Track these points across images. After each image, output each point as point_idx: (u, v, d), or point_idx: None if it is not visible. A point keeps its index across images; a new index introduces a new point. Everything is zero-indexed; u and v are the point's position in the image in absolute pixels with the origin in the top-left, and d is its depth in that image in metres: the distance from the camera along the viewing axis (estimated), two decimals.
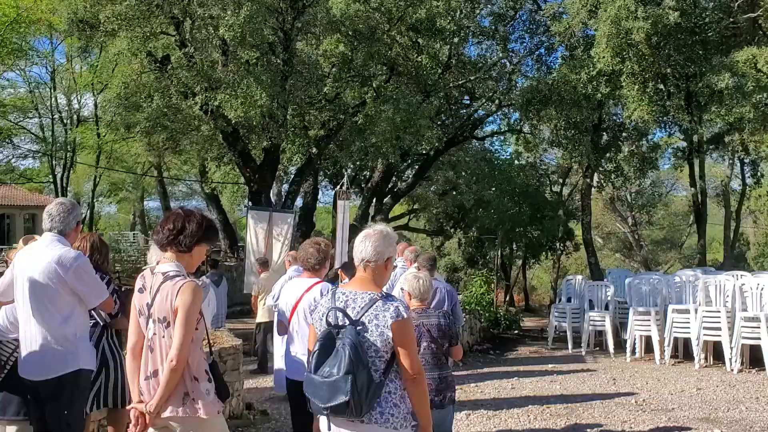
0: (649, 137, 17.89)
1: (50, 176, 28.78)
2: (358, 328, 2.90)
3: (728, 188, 26.05)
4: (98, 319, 4.45)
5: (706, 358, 10.50)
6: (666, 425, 7.04)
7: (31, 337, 3.93)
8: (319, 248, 4.58)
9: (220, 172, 20.65)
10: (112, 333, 4.60)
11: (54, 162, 27.44)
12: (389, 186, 20.00)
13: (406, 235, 32.75)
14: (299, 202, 19.12)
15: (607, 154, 17.21)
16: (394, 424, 2.92)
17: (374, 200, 19.36)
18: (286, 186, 20.34)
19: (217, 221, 23.27)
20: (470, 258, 24.44)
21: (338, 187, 10.96)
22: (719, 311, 10.08)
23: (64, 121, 27.02)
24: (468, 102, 20.30)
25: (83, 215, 30.63)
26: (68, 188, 28.84)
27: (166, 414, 3.13)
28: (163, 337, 3.14)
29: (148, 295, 3.21)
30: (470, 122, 19.70)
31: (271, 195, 17.23)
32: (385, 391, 2.93)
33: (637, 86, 13.86)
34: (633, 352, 11.25)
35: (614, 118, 17.90)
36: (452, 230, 23.35)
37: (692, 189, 17.98)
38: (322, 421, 2.97)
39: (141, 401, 3.19)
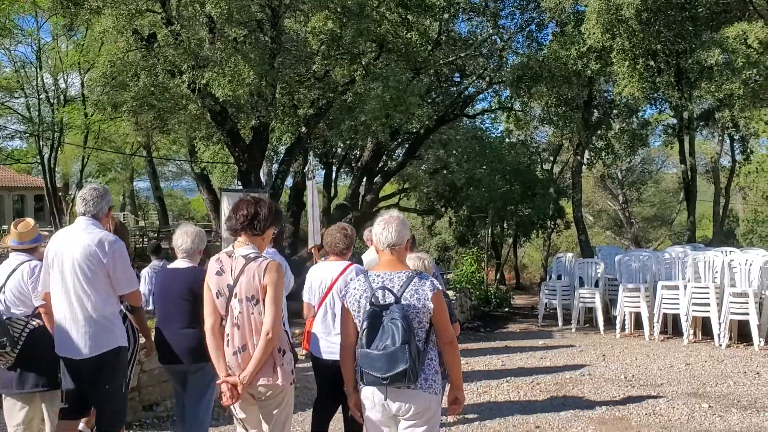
0: (640, 114, 17.88)
1: (38, 157, 28.50)
2: (403, 303, 3.22)
3: (718, 165, 26.10)
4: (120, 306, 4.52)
5: (694, 334, 10.59)
6: (654, 400, 7.09)
7: (72, 317, 4.10)
8: (346, 233, 4.89)
9: (209, 151, 20.49)
10: (129, 319, 4.74)
11: (41, 142, 27.14)
12: (379, 165, 19.90)
13: None
14: (289, 181, 19.02)
15: (598, 132, 17.18)
16: (435, 389, 3.29)
17: (364, 179, 19.27)
18: (276, 166, 20.22)
19: (207, 201, 23.20)
20: (461, 237, 24.45)
21: (306, 167, 11.11)
22: (708, 287, 10.14)
23: (51, 101, 26.69)
24: (458, 79, 20.17)
25: (73, 196, 30.46)
26: (56, 169, 28.57)
27: (257, 383, 3.42)
28: (252, 313, 3.42)
29: (229, 277, 3.47)
30: (461, 100, 19.58)
31: (261, 175, 17.12)
32: (427, 358, 3.28)
33: (627, 63, 13.81)
34: (622, 328, 11.32)
35: (605, 95, 17.86)
36: (443, 209, 23.32)
37: (682, 166, 17.98)
38: (374, 392, 3.26)
39: (229, 375, 3.46)
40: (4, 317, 4.52)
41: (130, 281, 4.23)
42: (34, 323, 4.63)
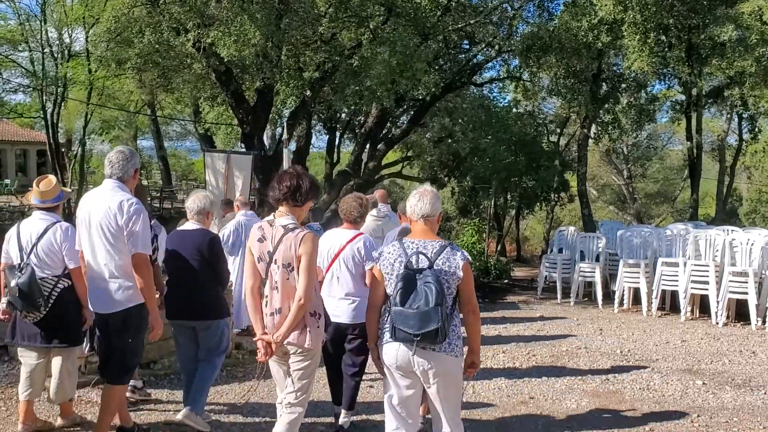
0: (648, 89, 17.67)
1: (41, 112, 28.34)
2: (436, 269, 3.53)
3: (724, 143, 25.88)
4: None
5: (692, 311, 10.59)
6: (649, 375, 7.11)
7: (99, 275, 4.38)
8: (361, 203, 5.22)
9: (213, 112, 20.36)
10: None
11: (44, 97, 26.97)
12: (383, 132, 19.75)
13: (398, 182, 32.71)
14: (292, 145, 18.93)
15: (606, 105, 17.00)
16: (456, 353, 3.60)
17: (368, 146, 19.15)
18: (279, 129, 20.10)
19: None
20: (463, 207, 24.37)
21: (281, 136, 11.17)
22: (708, 265, 10.12)
23: (55, 55, 26.45)
24: (467, 47, 19.90)
25: (76, 152, 30.39)
26: (59, 124, 28.45)
27: (288, 341, 3.75)
28: (288, 279, 3.73)
29: (269, 244, 3.78)
30: (468, 68, 19.35)
31: (265, 138, 17.02)
32: (452, 323, 3.57)
33: (638, 36, 13.59)
34: (621, 303, 11.33)
35: (614, 68, 17.65)
36: (446, 179, 23.20)
37: (688, 143, 17.83)
38: (398, 348, 3.56)
39: (265, 333, 3.79)
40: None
41: (142, 243, 4.35)
42: (62, 283, 4.78)
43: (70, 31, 26.16)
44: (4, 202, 25.65)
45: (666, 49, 14.63)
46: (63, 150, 29.15)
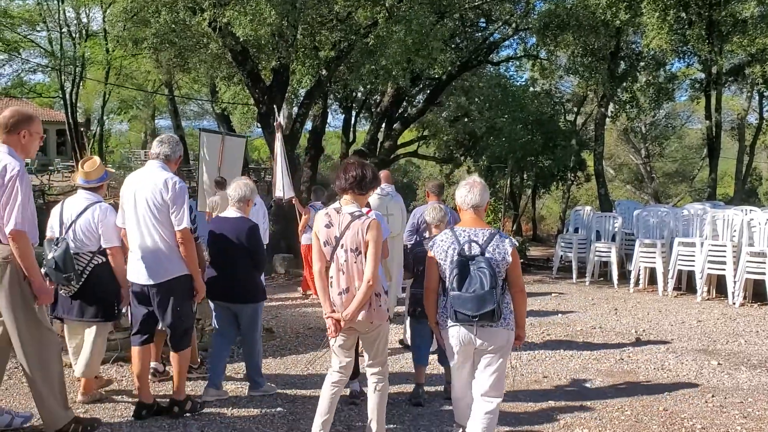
0: (667, 68, 17.41)
1: (60, 92, 28.54)
2: (487, 255, 3.89)
3: (744, 122, 25.52)
4: None
5: (708, 292, 10.55)
6: (664, 355, 7.12)
7: (145, 248, 4.69)
8: None
9: (230, 92, 20.37)
10: None
11: (63, 77, 27.14)
12: (399, 111, 19.66)
13: (414, 162, 32.63)
14: (308, 125, 18.92)
15: (624, 84, 16.80)
16: (510, 326, 4.00)
17: (383, 125, 19.09)
18: (296, 109, 20.10)
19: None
20: None
21: (274, 120, 11.24)
22: (725, 245, 10.07)
23: (73, 35, 26.58)
24: (484, 25, 19.70)
25: (95, 132, 30.61)
26: (77, 104, 28.65)
27: (357, 319, 4.07)
28: (355, 262, 4.04)
29: (336, 230, 4.08)
30: (485, 46, 19.16)
31: (281, 118, 17.02)
32: (504, 301, 3.97)
33: (657, 13, 13.37)
34: (636, 283, 11.31)
35: (632, 46, 17.41)
36: (462, 158, 23.12)
37: (707, 122, 17.60)
38: (459, 329, 3.99)
39: (333, 311, 4.09)
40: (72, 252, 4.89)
41: (185, 219, 4.66)
42: (97, 260, 5.06)
43: (87, 11, 26.26)
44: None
45: (686, 27, 14.40)
46: (82, 129, 29.36)
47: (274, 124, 10.82)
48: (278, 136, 10.32)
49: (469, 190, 4.13)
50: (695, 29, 14.31)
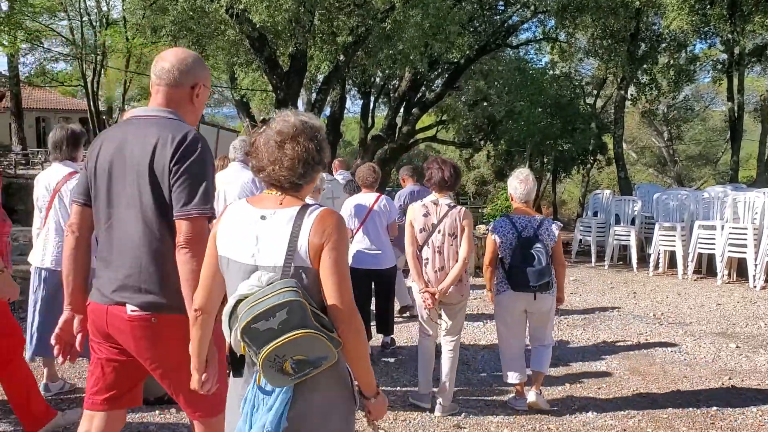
0: (689, 49, 17.19)
1: (81, 80, 28.82)
2: (540, 238, 4.75)
3: (767, 103, 25.12)
4: None
5: (729, 275, 10.46)
6: (682, 338, 7.09)
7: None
8: (374, 170, 6.44)
9: (248, 78, 20.45)
10: None
11: (84, 65, 27.38)
12: (417, 96, 19.63)
13: (434, 147, 32.55)
14: (327, 111, 18.95)
15: (644, 66, 16.62)
16: (554, 293, 4.88)
17: (401, 110, 19.07)
18: (314, 95, 20.13)
19: (248, 129, 23.29)
20: (499, 170, 24.22)
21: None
22: (746, 228, 9.96)
23: (93, 23, 26.78)
24: (502, 8, 19.58)
25: (117, 119, 30.81)
26: (99, 92, 28.90)
27: (450, 292, 4.72)
28: (451, 245, 4.73)
29: (434, 218, 4.77)
30: (504, 29, 19.06)
31: (300, 103, 17.08)
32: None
33: None
34: (656, 266, 11.25)
35: (653, 27, 17.20)
36: (481, 142, 23.05)
37: (729, 103, 17.36)
38: (518, 295, 4.79)
39: (428, 287, 4.73)
40: None
41: None
42: None
43: None
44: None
45: (707, 6, 14.19)
46: (104, 118, 29.63)
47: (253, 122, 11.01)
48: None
49: (520, 182, 4.92)
50: (716, 8, 14.11)
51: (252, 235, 2.17)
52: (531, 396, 4.89)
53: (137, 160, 2.55)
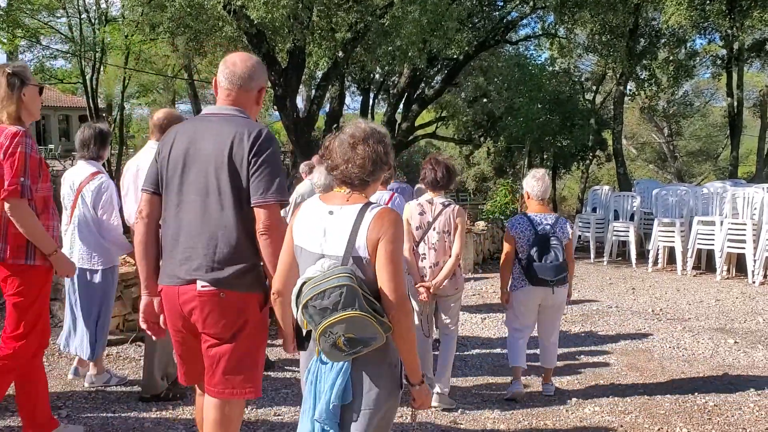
0: (688, 44, 17.15)
1: (80, 77, 28.79)
2: (557, 234, 4.99)
3: (766, 98, 25.09)
4: None
5: (728, 270, 10.45)
6: (680, 334, 7.08)
7: None
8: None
9: None
10: None
11: (83, 63, 27.35)
12: (417, 92, 19.59)
13: (435, 143, 32.54)
14: (326, 107, 18.91)
15: (643, 61, 16.58)
16: (566, 285, 5.09)
17: (401, 107, 19.04)
18: (313, 91, 20.09)
19: None
20: (499, 167, 24.24)
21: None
22: (745, 223, 9.95)
23: (92, 20, 26.74)
24: (501, 4, 19.55)
25: (116, 117, 30.83)
26: (98, 90, 28.88)
27: (444, 285, 4.87)
28: (446, 241, 4.88)
29: (429, 216, 4.93)
30: (503, 25, 19.02)
31: (299, 100, 17.05)
32: None
33: None
34: (655, 262, 11.24)
35: (652, 23, 17.16)
36: (481, 139, 23.03)
37: (729, 99, 17.32)
38: (535, 289, 5.02)
39: (423, 280, 4.88)
40: None
41: None
42: None
43: None
44: (48, 167, 26.18)
45: (706, 2, 14.15)
46: (103, 115, 29.61)
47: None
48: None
49: (536, 180, 5.11)
50: (715, 4, 14.07)
51: (321, 227, 2.49)
52: (548, 390, 5.30)
53: (214, 153, 2.83)
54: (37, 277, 3.56)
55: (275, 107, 15.17)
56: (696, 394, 5.22)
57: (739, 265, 10.47)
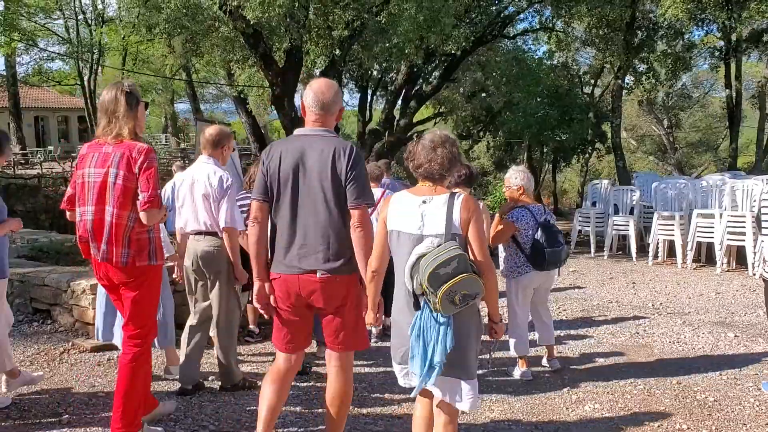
0: (686, 36, 17.11)
1: (78, 79, 28.79)
2: (552, 222, 5.45)
3: (765, 89, 25.04)
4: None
5: (728, 263, 10.45)
6: (680, 328, 7.09)
7: None
8: (377, 165, 7.01)
9: (245, 74, 20.38)
10: None
11: (81, 64, 27.35)
12: (414, 88, 19.55)
13: None
14: None
15: (641, 54, 16.54)
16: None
17: (399, 103, 19.01)
18: None
19: (246, 125, 23.26)
20: (499, 161, 24.21)
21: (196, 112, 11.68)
22: (745, 216, 9.94)
23: (89, 22, 26.74)
24: None
25: None
26: (96, 91, 28.88)
27: None
28: None
29: None
30: (500, 20, 18.97)
31: (297, 100, 17.01)
32: None
33: None
34: (655, 256, 11.23)
35: (649, 16, 17.12)
36: (480, 134, 23.02)
37: (727, 90, 17.29)
38: (537, 275, 5.41)
39: None
40: None
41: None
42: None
43: None
44: (47, 168, 26.21)
45: None
46: None
47: (195, 116, 11.35)
48: (199, 126, 10.87)
49: (525, 177, 5.54)
50: None
51: (418, 213, 3.21)
52: (554, 364, 5.71)
53: (319, 166, 3.51)
54: (158, 274, 3.96)
55: (273, 106, 15.15)
56: (696, 388, 5.22)
57: (739, 257, 10.47)
